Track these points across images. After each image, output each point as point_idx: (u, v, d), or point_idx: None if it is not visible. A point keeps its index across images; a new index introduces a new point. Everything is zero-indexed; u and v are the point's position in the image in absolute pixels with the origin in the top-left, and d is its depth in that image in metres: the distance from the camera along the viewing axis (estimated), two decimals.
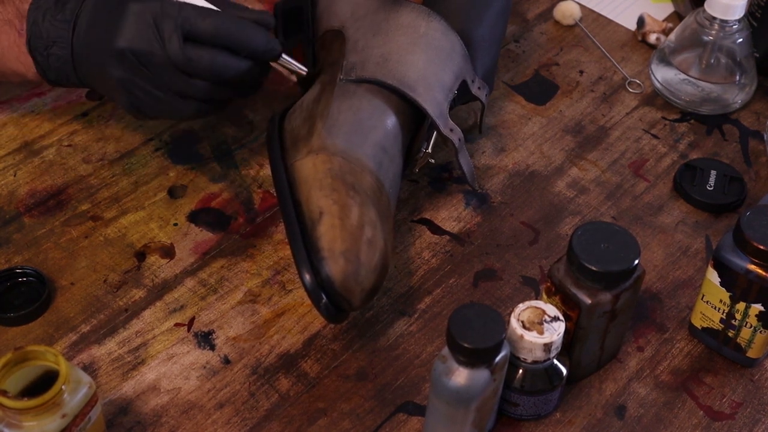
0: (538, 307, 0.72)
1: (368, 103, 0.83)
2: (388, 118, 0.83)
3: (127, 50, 0.79)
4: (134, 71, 0.80)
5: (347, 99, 0.83)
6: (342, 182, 0.77)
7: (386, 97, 0.84)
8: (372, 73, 0.84)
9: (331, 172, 0.78)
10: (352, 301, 0.75)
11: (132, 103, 0.82)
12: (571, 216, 0.91)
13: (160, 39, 0.78)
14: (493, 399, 0.72)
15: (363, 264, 0.75)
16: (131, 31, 0.79)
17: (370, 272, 0.75)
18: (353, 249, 0.74)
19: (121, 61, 0.79)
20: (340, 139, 0.80)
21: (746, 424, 0.77)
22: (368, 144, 0.81)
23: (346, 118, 0.82)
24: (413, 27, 0.86)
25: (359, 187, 0.78)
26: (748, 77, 1.01)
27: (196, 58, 0.79)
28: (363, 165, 0.79)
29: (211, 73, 0.80)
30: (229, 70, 0.80)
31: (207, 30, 0.79)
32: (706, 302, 0.79)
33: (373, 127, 0.82)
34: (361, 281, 0.74)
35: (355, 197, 0.77)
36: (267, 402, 0.77)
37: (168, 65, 0.79)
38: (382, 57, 0.85)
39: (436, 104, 0.85)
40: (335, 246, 0.74)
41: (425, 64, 0.85)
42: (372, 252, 0.75)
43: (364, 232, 0.75)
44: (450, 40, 0.87)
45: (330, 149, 0.80)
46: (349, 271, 0.74)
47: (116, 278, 0.84)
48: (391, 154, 0.82)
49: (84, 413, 0.68)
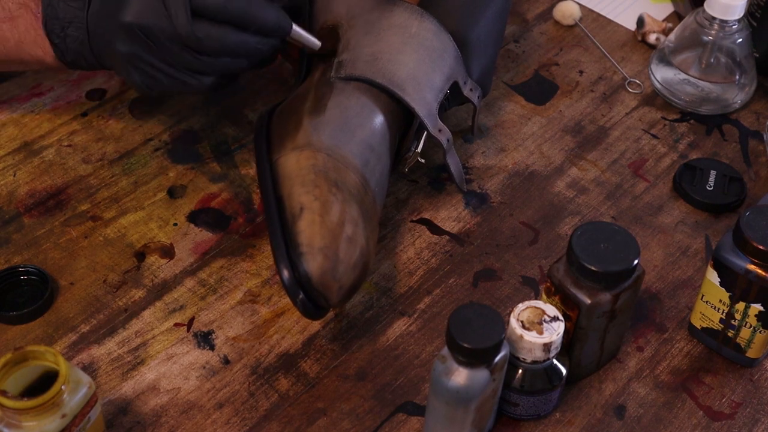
0: (538, 307, 0.72)
1: (356, 101, 0.83)
2: (376, 116, 0.83)
3: (134, 24, 0.77)
4: (142, 46, 0.79)
5: (335, 96, 0.83)
6: (325, 179, 0.77)
7: (375, 96, 0.84)
8: (361, 72, 0.84)
9: (314, 168, 0.78)
10: (330, 297, 0.74)
11: (142, 80, 0.81)
12: (571, 216, 0.91)
13: (168, 14, 0.77)
14: (492, 399, 0.72)
15: (341, 261, 0.74)
16: (138, 4, 0.77)
17: (348, 269, 0.75)
18: (332, 246, 0.74)
19: (128, 36, 0.78)
20: (326, 136, 0.80)
21: (746, 424, 0.77)
22: (354, 142, 0.80)
23: (333, 116, 0.81)
24: (405, 27, 0.86)
25: (342, 184, 0.77)
26: (748, 77, 1.01)
27: (205, 35, 0.78)
28: (348, 162, 0.79)
29: (221, 51, 0.79)
30: (239, 47, 0.80)
31: (216, 5, 0.77)
32: (706, 302, 0.79)
33: (360, 125, 0.82)
34: (339, 278, 0.74)
35: (337, 194, 0.76)
36: (266, 402, 0.77)
37: (176, 41, 0.78)
38: (372, 55, 0.85)
39: (424, 104, 0.84)
40: (314, 242, 0.74)
41: (415, 63, 0.85)
42: (352, 249, 0.75)
43: (344, 229, 0.75)
44: (442, 41, 0.87)
45: (315, 145, 0.79)
46: (327, 267, 0.73)
47: (116, 278, 0.84)
48: (378, 153, 0.82)
49: (84, 413, 0.68)
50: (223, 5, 0.78)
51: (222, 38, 0.78)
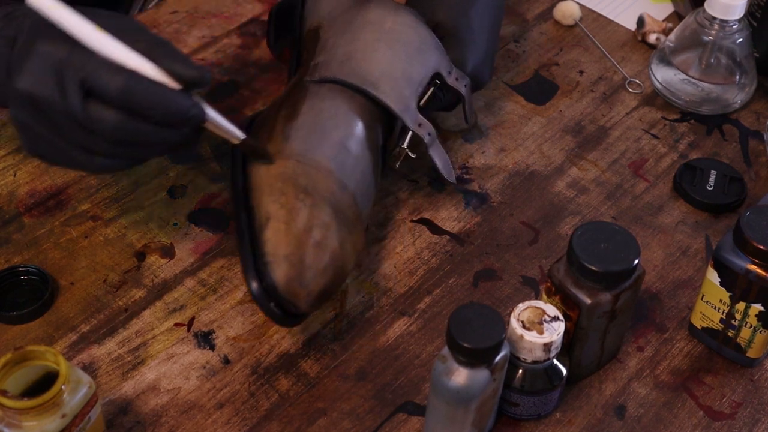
0: (538, 307, 0.72)
1: (330, 103, 0.82)
2: (351, 117, 0.82)
3: (25, 92, 0.69)
4: (34, 116, 0.70)
5: (309, 100, 0.82)
6: (293, 185, 0.76)
7: (349, 97, 0.83)
8: (334, 73, 0.83)
9: (282, 176, 0.77)
10: (298, 304, 0.74)
11: (32, 147, 0.73)
12: (571, 216, 0.91)
13: (61, 88, 0.68)
14: (492, 399, 0.72)
15: (308, 267, 0.73)
16: (33, 73, 0.69)
17: (317, 275, 0.74)
18: (297, 253, 0.73)
19: (19, 102, 0.70)
20: (298, 141, 0.79)
21: (746, 424, 0.77)
22: (327, 145, 0.79)
23: (305, 120, 0.81)
24: (379, 23, 0.86)
25: (313, 188, 0.77)
26: (748, 77, 1.01)
27: (98, 118, 0.69)
28: (320, 166, 0.78)
29: (115, 137, 0.70)
30: (138, 135, 0.70)
31: (113, 90, 0.68)
32: (706, 302, 0.79)
33: (335, 127, 0.81)
34: (306, 284, 0.73)
35: (305, 200, 0.76)
36: (267, 402, 0.77)
37: (68, 117, 0.69)
38: (345, 55, 0.84)
39: (400, 100, 0.84)
40: (279, 250, 0.73)
41: (390, 59, 0.84)
42: (320, 254, 0.74)
43: (311, 234, 0.74)
44: (419, 33, 0.86)
45: (285, 153, 0.78)
46: (293, 275, 0.73)
47: (116, 278, 0.84)
48: (356, 154, 0.81)
49: (84, 413, 0.68)
50: (122, 90, 0.68)
51: (117, 124, 0.69)
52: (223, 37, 1.05)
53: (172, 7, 1.08)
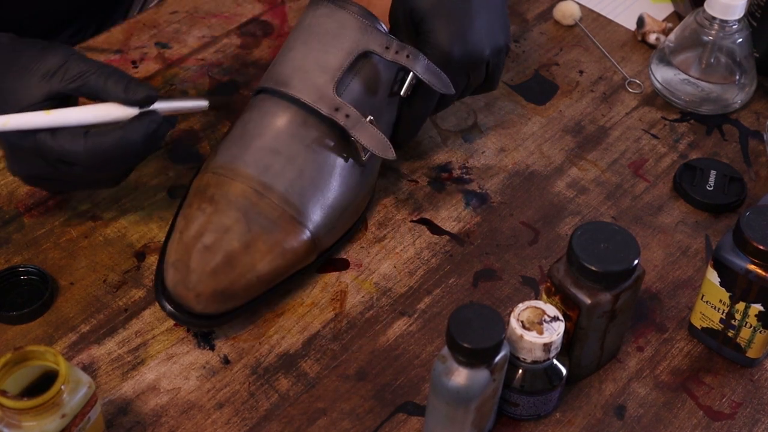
0: (538, 307, 0.72)
1: (257, 111, 0.85)
2: (278, 120, 0.84)
3: (19, 174, 0.80)
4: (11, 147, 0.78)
5: (243, 114, 0.86)
6: (199, 197, 0.81)
7: (275, 102, 0.85)
8: (261, 83, 0.86)
9: (195, 189, 0.82)
10: (190, 305, 0.78)
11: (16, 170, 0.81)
12: (571, 216, 0.91)
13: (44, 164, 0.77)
14: (492, 399, 0.72)
15: (193, 270, 0.77)
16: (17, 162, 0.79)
17: (205, 277, 0.77)
18: (183, 258, 0.78)
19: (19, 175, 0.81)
20: (220, 155, 0.83)
21: (746, 424, 0.77)
22: (249, 152, 0.82)
23: (234, 134, 0.85)
24: (300, 22, 0.88)
25: (222, 196, 0.80)
26: (748, 77, 1.01)
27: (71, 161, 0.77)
28: (238, 173, 0.81)
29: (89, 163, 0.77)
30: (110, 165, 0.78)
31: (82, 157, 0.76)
32: (706, 302, 0.79)
33: (259, 134, 0.83)
34: (193, 287, 0.77)
35: (206, 208, 0.80)
36: (267, 402, 0.77)
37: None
38: (272, 63, 0.87)
39: (314, 90, 0.84)
40: (170, 258, 0.79)
41: (303, 54, 0.85)
42: (208, 257, 0.78)
43: (201, 240, 0.78)
44: (337, 20, 0.86)
45: (208, 167, 0.83)
46: (177, 279, 0.77)
47: (116, 278, 0.84)
48: (288, 154, 0.82)
49: (83, 413, 0.68)
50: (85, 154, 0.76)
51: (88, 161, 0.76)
52: (223, 37, 1.05)
53: (172, 7, 1.08)
